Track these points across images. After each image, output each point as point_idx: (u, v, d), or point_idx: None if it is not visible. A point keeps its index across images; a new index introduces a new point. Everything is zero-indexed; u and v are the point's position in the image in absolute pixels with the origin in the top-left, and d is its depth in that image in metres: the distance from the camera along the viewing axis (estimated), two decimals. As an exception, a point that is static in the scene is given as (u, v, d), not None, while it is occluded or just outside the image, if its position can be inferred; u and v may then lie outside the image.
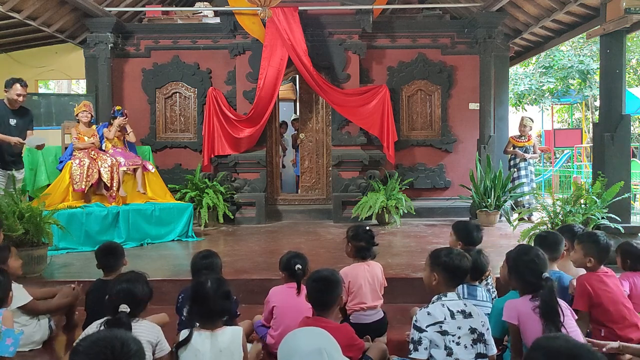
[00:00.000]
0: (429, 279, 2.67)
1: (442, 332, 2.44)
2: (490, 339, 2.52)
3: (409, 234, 6.98)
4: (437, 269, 2.63)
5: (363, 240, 3.46)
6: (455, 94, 8.58)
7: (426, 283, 2.72)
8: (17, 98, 5.50)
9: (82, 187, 6.17)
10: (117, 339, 1.49)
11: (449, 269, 2.61)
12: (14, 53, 9.45)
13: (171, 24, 8.51)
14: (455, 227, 3.73)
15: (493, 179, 7.60)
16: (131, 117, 8.23)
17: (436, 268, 2.63)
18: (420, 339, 2.45)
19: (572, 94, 17.44)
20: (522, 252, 2.82)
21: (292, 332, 2.11)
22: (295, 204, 8.47)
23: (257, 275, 4.65)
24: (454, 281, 2.64)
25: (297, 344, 1.99)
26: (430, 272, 2.66)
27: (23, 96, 5.57)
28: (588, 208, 4.96)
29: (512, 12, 8.27)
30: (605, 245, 3.17)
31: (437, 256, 2.67)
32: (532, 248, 2.91)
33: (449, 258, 2.63)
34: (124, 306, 2.46)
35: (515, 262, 2.81)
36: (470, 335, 2.47)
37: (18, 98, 5.50)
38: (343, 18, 8.07)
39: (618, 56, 5.78)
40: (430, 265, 2.68)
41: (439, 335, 2.44)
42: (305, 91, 8.48)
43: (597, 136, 6.01)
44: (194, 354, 2.40)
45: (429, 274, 2.66)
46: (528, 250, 2.84)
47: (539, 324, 2.55)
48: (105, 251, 3.47)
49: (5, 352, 2.73)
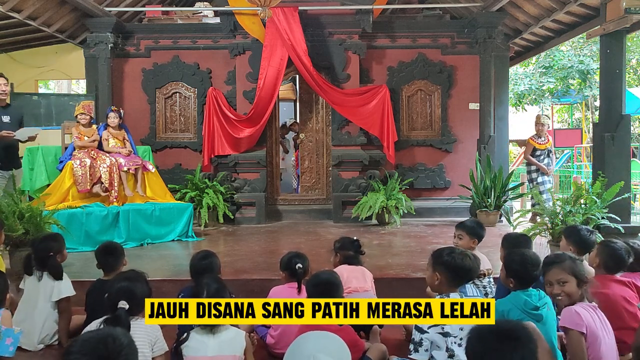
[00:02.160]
0: (432, 278, 2.66)
1: (444, 334, 2.44)
2: None
3: (409, 234, 6.98)
4: (439, 268, 2.62)
5: (351, 250, 3.55)
6: (455, 94, 8.58)
7: (429, 283, 2.72)
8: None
9: (87, 188, 6.17)
10: (108, 334, 1.53)
11: (451, 268, 2.60)
12: (14, 53, 9.45)
13: (171, 24, 8.51)
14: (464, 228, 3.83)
15: (493, 179, 7.59)
16: (131, 117, 8.29)
17: (438, 267, 2.63)
18: (422, 340, 2.45)
19: (572, 94, 17.45)
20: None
21: (304, 334, 2.09)
22: (295, 204, 8.47)
23: (257, 275, 4.65)
24: (457, 281, 2.63)
25: (308, 347, 1.98)
26: (433, 272, 2.65)
27: (4, 85, 5.55)
28: (588, 208, 4.96)
29: (512, 12, 8.27)
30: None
31: (439, 255, 2.66)
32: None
33: (451, 257, 2.63)
34: (122, 303, 2.47)
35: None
36: None
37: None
38: (343, 18, 8.07)
39: (618, 56, 5.79)
40: (432, 265, 2.67)
41: (440, 336, 2.44)
42: (305, 91, 8.48)
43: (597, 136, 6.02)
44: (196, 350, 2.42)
45: (432, 274, 2.66)
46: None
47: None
48: (105, 251, 3.47)
49: (5, 352, 2.73)
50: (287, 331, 3.06)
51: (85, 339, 1.52)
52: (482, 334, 1.66)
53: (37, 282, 3.41)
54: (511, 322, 1.71)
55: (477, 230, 3.79)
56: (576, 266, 2.67)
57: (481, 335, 1.66)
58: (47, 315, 3.37)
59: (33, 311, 3.36)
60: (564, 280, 2.64)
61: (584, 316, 2.52)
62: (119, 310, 2.45)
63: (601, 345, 2.51)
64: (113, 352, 1.49)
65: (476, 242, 3.74)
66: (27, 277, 3.50)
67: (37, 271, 3.44)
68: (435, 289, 2.65)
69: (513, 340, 1.59)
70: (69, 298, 3.43)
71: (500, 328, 1.65)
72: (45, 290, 3.39)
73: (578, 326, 2.49)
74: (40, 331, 3.35)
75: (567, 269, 2.65)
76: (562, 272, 2.65)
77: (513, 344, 1.58)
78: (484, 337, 1.64)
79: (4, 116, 5.56)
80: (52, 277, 3.39)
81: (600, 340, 2.51)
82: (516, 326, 1.65)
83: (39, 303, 3.37)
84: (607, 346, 2.53)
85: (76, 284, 3.55)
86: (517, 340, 1.59)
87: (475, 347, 1.65)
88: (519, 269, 2.86)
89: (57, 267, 3.41)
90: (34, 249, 3.49)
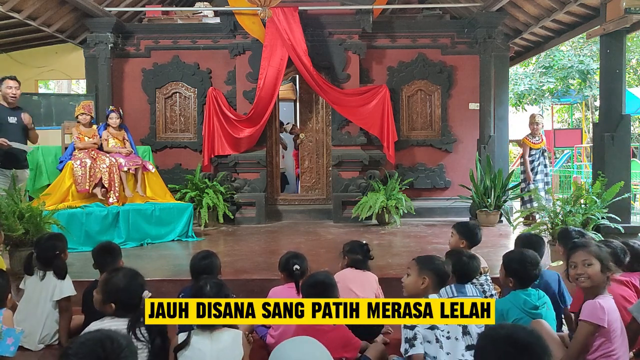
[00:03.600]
0: (416, 283, 2.71)
1: (431, 327, 2.49)
2: (476, 329, 2.56)
3: (409, 234, 6.98)
4: (428, 273, 2.69)
5: (359, 254, 3.54)
6: (455, 94, 8.58)
7: (411, 287, 2.74)
8: (9, 91, 5.50)
9: (86, 188, 6.16)
10: (106, 336, 1.49)
11: (440, 273, 2.71)
12: (14, 53, 9.45)
13: (171, 24, 8.51)
14: (456, 227, 3.82)
15: (493, 179, 7.59)
16: (131, 117, 8.30)
17: (427, 272, 2.69)
18: (415, 335, 2.48)
19: (572, 94, 17.45)
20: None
21: (282, 343, 2.08)
22: (295, 204, 8.47)
23: (257, 275, 4.64)
24: (440, 285, 2.76)
25: (287, 355, 1.97)
26: (418, 276, 2.71)
27: (15, 88, 5.58)
28: (588, 208, 4.96)
29: (512, 12, 8.27)
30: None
31: (428, 261, 2.76)
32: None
33: (438, 263, 2.75)
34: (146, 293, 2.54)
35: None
36: (458, 328, 2.53)
37: (10, 91, 5.50)
38: (343, 18, 8.07)
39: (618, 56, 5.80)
40: (418, 269, 2.73)
41: (428, 331, 2.49)
42: (305, 91, 8.49)
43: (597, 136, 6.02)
44: (194, 354, 2.39)
45: (416, 278, 2.71)
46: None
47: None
48: (102, 250, 3.47)
49: (6, 352, 2.73)
50: (287, 331, 3.06)
51: (83, 341, 1.50)
52: (496, 342, 1.59)
53: (39, 281, 3.42)
54: (526, 329, 1.63)
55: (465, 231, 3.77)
56: (602, 252, 2.73)
57: (496, 344, 1.59)
58: (47, 315, 3.37)
59: (34, 311, 3.37)
60: (589, 262, 2.68)
61: (607, 310, 2.54)
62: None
63: (617, 338, 2.55)
64: (111, 354, 1.46)
65: (465, 244, 3.69)
66: (28, 277, 3.50)
67: (39, 271, 3.44)
68: (419, 293, 2.69)
69: (529, 350, 1.54)
70: (70, 298, 3.44)
71: (516, 337, 1.58)
72: (47, 289, 3.39)
73: (600, 320, 2.51)
74: (41, 331, 3.35)
75: (593, 252, 2.71)
76: (588, 255, 2.70)
77: (529, 354, 1.53)
78: (499, 346, 1.57)
79: (11, 117, 5.57)
80: (56, 276, 3.40)
81: (617, 333, 2.54)
82: (531, 335, 1.59)
83: (40, 302, 3.38)
84: (622, 339, 2.57)
85: (76, 284, 3.55)
86: (533, 354, 1.54)
87: (489, 355, 1.59)
88: (518, 269, 2.88)
89: (62, 266, 3.43)
90: (38, 248, 3.49)
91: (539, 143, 7.80)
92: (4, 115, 5.55)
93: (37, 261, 3.46)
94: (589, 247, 2.74)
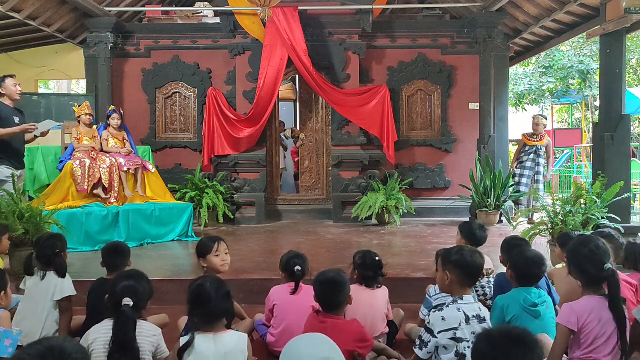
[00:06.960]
0: (442, 279, 2.61)
1: (457, 340, 2.40)
2: None
3: (409, 234, 6.98)
4: (449, 267, 2.57)
5: (371, 270, 3.28)
6: (455, 94, 8.58)
7: (439, 284, 2.70)
8: (15, 89, 5.47)
9: (85, 188, 6.16)
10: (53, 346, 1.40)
11: (462, 266, 2.54)
12: (14, 53, 9.45)
13: (171, 24, 8.51)
14: (461, 228, 3.84)
15: (493, 179, 7.59)
16: (131, 117, 8.30)
17: (448, 266, 2.57)
18: (430, 341, 2.44)
19: (572, 94, 17.46)
20: (581, 243, 2.63)
21: (296, 338, 2.08)
22: (295, 204, 8.47)
23: (257, 275, 4.64)
24: (469, 280, 2.58)
25: (300, 351, 1.97)
26: (443, 272, 2.59)
27: (19, 85, 5.57)
28: (588, 208, 4.96)
29: (512, 12, 8.27)
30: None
31: (448, 254, 2.61)
32: (592, 238, 2.67)
33: (460, 255, 2.57)
34: (127, 300, 2.44)
35: (573, 255, 2.64)
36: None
37: (16, 89, 5.48)
38: (343, 18, 8.07)
39: (618, 56, 5.79)
40: (441, 264, 2.62)
41: (452, 342, 2.40)
42: (305, 91, 8.48)
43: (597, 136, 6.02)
44: (198, 357, 2.37)
45: (442, 274, 2.60)
46: (587, 241, 2.63)
47: (603, 326, 2.46)
48: (113, 250, 3.47)
49: (4, 353, 2.73)
50: (288, 330, 3.06)
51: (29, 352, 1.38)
52: (491, 337, 1.71)
53: (40, 281, 3.41)
54: (519, 328, 1.76)
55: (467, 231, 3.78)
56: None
57: (491, 339, 1.70)
58: (48, 315, 3.37)
59: (35, 311, 3.36)
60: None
61: (579, 313, 2.48)
62: (123, 307, 2.43)
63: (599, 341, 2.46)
64: None
65: (467, 244, 3.62)
66: (28, 278, 3.50)
67: (39, 270, 3.44)
68: (446, 289, 2.61)
69: (522, 344, 1.65)
70: (71, 298, 3.44)
71: (510, 333, 1.70)
72: (48, 289, 3.39)
73: (570, 324, 2.48)
74: (41, 331, 3.35)
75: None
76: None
77: (522, 348, 1.64)
78: (494, 341, 1.69)
79: (16, 117, 5.54)
80: (57, 274, 3.40)
81: (594, 334, 2.46)
82: (525, 332, 1.71)
83: (40, 303, 3.37)
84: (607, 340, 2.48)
85: (76, 284, 3.54)
86: (526, 345, 1.65)
87: (484, 350, 1.69)
88: (522, 268, 2.88)
89: (63, 265, 3.42)
90: (39, 247, 3.49)
91: (535, 141, 7.95)
92: (10, 115, 5.49)
93: (38, 261, 3.46)
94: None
